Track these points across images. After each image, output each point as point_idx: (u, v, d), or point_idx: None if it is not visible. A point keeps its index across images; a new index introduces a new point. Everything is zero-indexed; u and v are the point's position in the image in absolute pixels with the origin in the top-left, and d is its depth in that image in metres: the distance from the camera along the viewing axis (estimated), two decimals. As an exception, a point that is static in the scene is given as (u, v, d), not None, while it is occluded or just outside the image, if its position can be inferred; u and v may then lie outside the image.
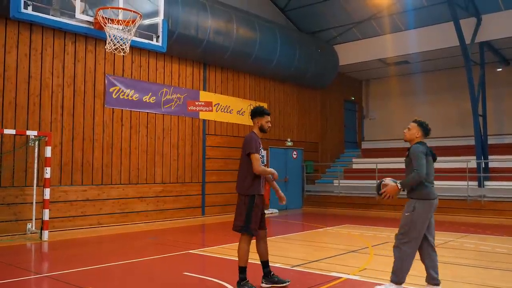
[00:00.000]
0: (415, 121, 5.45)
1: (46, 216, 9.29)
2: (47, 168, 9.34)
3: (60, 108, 10.58)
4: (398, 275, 4.99)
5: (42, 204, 9.34)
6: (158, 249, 8.27)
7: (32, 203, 9.62)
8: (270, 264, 5.62)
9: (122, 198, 11.63)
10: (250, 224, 5.31)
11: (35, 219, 9.61)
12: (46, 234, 9.26)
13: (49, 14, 7.70)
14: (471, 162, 14.42)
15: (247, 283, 5.30)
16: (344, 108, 20.37)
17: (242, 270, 5.36)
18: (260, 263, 5.61)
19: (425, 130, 5.41)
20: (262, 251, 5.55)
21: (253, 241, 5.53)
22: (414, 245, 4.98)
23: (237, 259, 5.42)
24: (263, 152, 5.62)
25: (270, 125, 5.64)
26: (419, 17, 15.72)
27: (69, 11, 7.92)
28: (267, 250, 5.59)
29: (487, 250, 8.32)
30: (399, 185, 4.96)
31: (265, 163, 5.51)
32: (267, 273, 5.54)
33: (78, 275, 6.25)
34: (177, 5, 11.89)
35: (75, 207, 10.70)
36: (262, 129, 5.54)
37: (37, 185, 9.68)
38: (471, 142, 15.16)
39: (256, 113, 5.53)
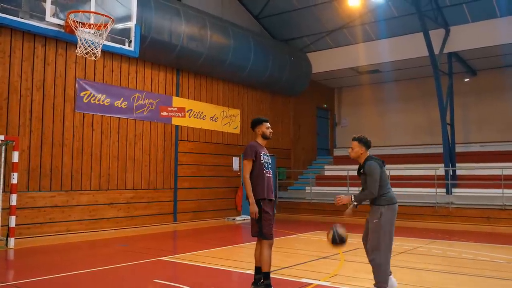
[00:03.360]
0: (354, 139, 5.62)
1: (13, 223, 9.04)
2: (14, 173, 9.11)
3: (29, 112, 10.35)
4: (384, 281, 5.17)
5: (9, 210, 9.09)
6: (128, 257, 8.15)
7: (-3, 209, 9.37)
8: (245, 271, 5.60)
9: (92, 205, 11.43)
10: (263, 229, 5.43)
11: (1, 226, 9.31)
12: (12, 241, 9.01)
13: (18, 16, 7.54)
14: (440, 169, 14.74)
15: None
16: (317, 116, 20.56)
17: (266, 275, 5.44)
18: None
19: (366, 143, 5.58)
20: (259, 257, 5.56)
21: (249, 244, 5.58)
22: (388, 250, 5.22)
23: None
24: (268, 159, 5.74)
25: (271, 130, 5.86)
26: (390, 27, 16.04)
27: (39, 13, 7.77)
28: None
29: (454, 256, 8.51)
30: (352, 197, 5.35)
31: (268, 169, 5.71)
32: (258, 280, 5.54)
33: (45, 284, 6.11)
34: (150, 10, 11.82)
35: (43, 214, 10.46)
36: (264, 136, 5.76)
37: (4, 191, 9.42)
38: (440, 150, 15.50)
39: (256, 122, 5.80)
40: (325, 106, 21.13)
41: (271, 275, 5.52)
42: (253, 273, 5.64)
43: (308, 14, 16.65)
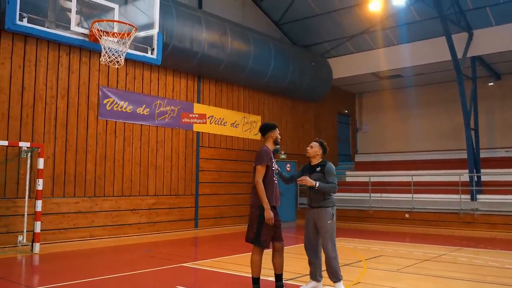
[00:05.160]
0: (317, 141, 6.10)
1: (38, 229, 9.20)
2: (39, 179, 9.28)
3: (54, 120, 10.54)
4: (339, 273, 5.71)
5: (34, 216, 9.26)
6: (150, 262, 8.20)
7: (23, 215, 9.52)
8: (267, 278, 5.58)
9: (114, 211, 11.55)
10: (260, 237, 5.39)
11: (27, 231, 9.50)
12: (37, 246, 9.16)
13: (44, 26, 7.70)
14: (464, 175, 14.49)
15: None
16: (338, 121, 20.45)
17: (254, 281, 5.48)
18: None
19: (324, 149, 6.08)
20: (276, 264, 5.59)
21: (270, 251, 5.62)
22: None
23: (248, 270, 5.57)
24: (275, 165, 5.78)
25: (280, 137, 5.96)
26: (412, 31, 15.89)
27: (64, 23, 7.92)
28: (282, 264, 5.62)
29: (481, 264, 8.34)
30: (317, 184, 5.71)
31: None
32: (279, 287, 5.55)
33: (69, 289, 6.18)
34: (172, 18, 11.94)
35: (67, 220, 10.61)
36: (276, 142, 5.82)
37: (29, 197, 9.60)
38: (464, 155, 15.24)
39: (269, 127, 5.82)
40: (346, 111, 21.00)
41: (293, 282, 5.50)
42: (274, 280, 5.63)
43: (328, 20, 16.62)
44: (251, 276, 5.55)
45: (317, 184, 5.69)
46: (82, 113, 11.07)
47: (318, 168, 5.89)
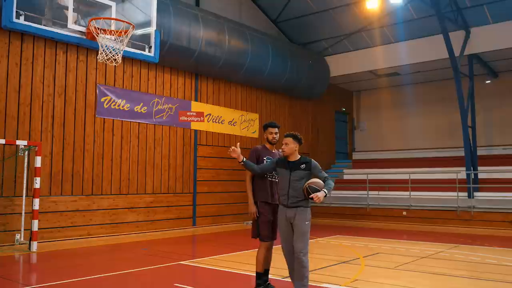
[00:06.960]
0: (289, 136, 5.43)
1: (35, 227, 9.18)
2: (36, 178, 9.26)
3: (51, 118, 10.52)
4: (307, 281, 5.20)
5: (31, 214, 9.24)
6: (148, 261, 8.20)
7: (21, 213, 9.51)
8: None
9: (112, 209, 11.54)
10: (260, 231, 5.60)
11: (24, 229, 9.49)
12: (35, 245, 9.15)
13: (41, 24, 7.70)
14: (461, 173, 14.53)
15: None
16: (335, 119, 20.46)
17: (258, 276, 5.60)
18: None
19: (300, 141, 5.49)
20: (265, 259, 5.69)
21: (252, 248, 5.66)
22: None
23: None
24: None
25: (274, 136, 5.83)
26: (409, 29, 15.90)
27: (61, 21, 7.92)
28: (270, 260, 5.77)
29: (478, 261, 8.36)
30: (326, 191, 5.19)
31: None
32: (264, 281, 5.65)
33: (67, 287, 6.18)
34: (169, 16, 11.92)
35: (64, 218, 10.60)
36: (268, 141, 5.88)
37: (26, 195, 9.58)
38: (461, 153, 15.29)
39: (263, 127, 5.95)
40: (344, 109, 21.02)
41: (288, 280, 5.51)
42: (281, 278, 5.71)
43: (326, 18, 16.62)
44: (255, 271, 5.68)
45: (327, 192, 5.18)
46: (80, 111, 11.05)
47: (302, 166, 5.34)
